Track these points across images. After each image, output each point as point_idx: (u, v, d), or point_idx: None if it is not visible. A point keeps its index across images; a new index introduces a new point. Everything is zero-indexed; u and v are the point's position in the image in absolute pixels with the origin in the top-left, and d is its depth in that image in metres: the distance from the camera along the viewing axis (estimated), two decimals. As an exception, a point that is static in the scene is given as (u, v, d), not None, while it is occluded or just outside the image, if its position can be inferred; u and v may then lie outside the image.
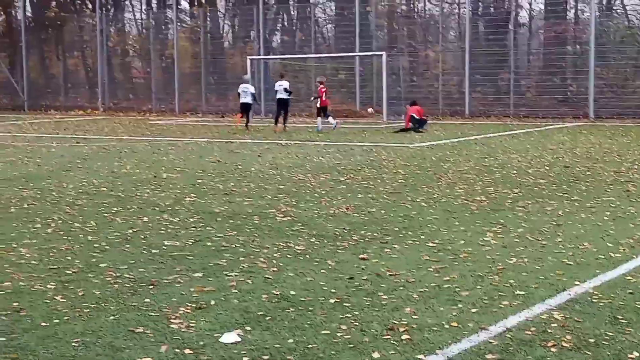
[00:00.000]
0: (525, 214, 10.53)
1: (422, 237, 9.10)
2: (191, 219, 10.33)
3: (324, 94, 26.48)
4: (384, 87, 32.21)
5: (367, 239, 9.00)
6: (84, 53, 47.16)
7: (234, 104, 38.22)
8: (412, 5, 40.52)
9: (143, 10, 48.92)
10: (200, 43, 41.60)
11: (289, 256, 8.20)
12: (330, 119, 26.49)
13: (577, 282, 7.06)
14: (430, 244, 8.69)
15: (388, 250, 8.43)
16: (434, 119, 31.35)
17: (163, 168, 16.05)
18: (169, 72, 41.70)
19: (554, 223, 9.88)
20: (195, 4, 46.34)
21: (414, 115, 26.04)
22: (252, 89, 27.84)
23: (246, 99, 27.45)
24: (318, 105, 26.64)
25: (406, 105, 27.64)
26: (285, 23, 44.82)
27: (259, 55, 38.10)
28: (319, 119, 26.51)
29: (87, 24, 45.81)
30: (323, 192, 12.68)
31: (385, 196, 12.16)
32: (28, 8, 48.14)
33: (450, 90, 36.71)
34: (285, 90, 26.51)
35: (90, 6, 47.12)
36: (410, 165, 16.18)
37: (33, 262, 8.04)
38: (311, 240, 8.98)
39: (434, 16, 39.34)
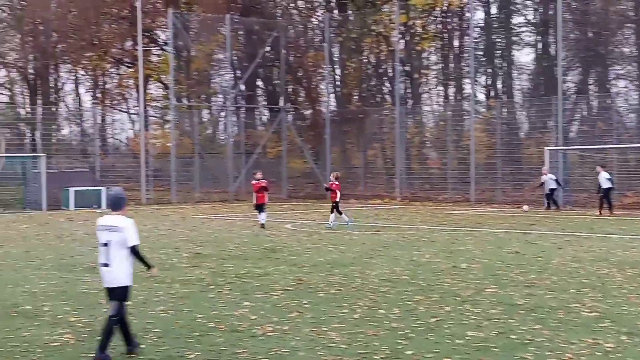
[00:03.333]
0: None
1: None
2: (493, 310, 10.28)
3: (337, 189, 24.86)
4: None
5: (683, 340, 8.47)
6: (383, 144, 48.99)
7: (530, 194, 37.82)
8: None
9: (440, 103, 50.17)
10: (496, 133, 41.68)
11: (597, 354, 7.91)
12: (332, 216, 24.46)
13: None
14: None
15: None
16: None
17: (462, 258, 16.12)
18: (465, 163, 42.07)
19: None
20: (492, 95, 46.72)
21: None
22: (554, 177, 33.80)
23: (552, 185, 33.62)
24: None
25: None
26: (584, 112, 43.83)
27: (556, 145, 37.45)
28: (332, 215, 24.56)
29: (386, 117, 47.65)
30: (631, 287, 12.11)
31: (700, 295, 11.39)
32: (332, 102, 51.05)
33: None
34: (610, 180, 30.75)
35: (390, 100, 49.10)
36: None
37: (342, 345, 8.39)
38: (621, 338, 8.60)
39: None
